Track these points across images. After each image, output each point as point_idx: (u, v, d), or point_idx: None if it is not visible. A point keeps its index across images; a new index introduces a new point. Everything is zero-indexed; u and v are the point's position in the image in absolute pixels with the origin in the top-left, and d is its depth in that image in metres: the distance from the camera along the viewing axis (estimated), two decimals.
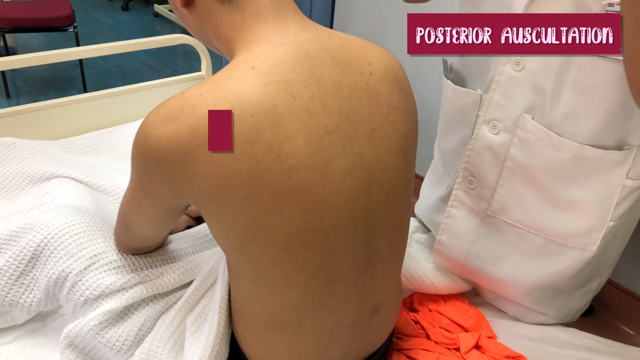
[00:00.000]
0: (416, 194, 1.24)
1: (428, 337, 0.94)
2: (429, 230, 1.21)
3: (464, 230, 0.99)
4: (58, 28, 2.89)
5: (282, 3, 0.64)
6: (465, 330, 0.96)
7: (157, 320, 0.80)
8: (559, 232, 0.90)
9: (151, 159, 0.59)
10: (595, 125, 0.81)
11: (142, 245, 0.82)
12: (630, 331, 1.77)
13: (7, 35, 2.99)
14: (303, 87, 0.60)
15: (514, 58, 0.82)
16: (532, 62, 0.82)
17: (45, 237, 0.83)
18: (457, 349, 0.92)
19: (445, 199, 1.05)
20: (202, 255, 0.87)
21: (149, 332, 0.78)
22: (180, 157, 0.57)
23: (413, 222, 1.23)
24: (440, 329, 0.95)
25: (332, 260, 0.65)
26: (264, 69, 0.59)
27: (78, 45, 3.03)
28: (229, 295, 0.76)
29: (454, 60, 1.04)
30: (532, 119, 0.85)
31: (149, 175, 0.62)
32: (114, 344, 0.77)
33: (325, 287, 0.66)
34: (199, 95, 0.58)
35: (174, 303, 0.82)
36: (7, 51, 3.23)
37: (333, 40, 0.65)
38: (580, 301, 1.02)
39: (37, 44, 3.63)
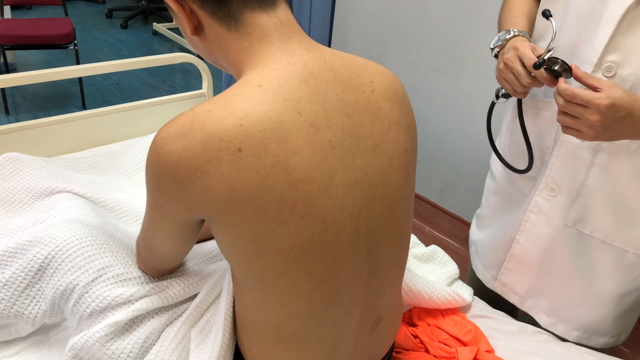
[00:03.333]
0: (417, 215, 1.26)
1: (427, 351, 0.96)
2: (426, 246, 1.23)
3: (542, 236, 1.01)
4: (58, 45, 2.93)
5: (287, 26, 0.67)
6: (464, 344, 0.97)
7: (162, 332, 0.81)
8: (636, 242, 0.92)
9: (164, 175, 0.62)
10: None
11: (170, 265, 0.84)
12: (625, 349, 1.78)
13: (7, 52, 3.01)
14: (308, 104, 0.62)
15: (605, 65, 0.84)
16: (625, 68, 0.84)
17: (52, 250, 0.84)
18: None
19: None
20: (207, 269, 0.89)
21: (154, 344, 0.79)
22: (192, 171, 0.60)
23: (412, 238, 1.25)
24: (439, 343, 0.96)
25: (336, 271, 0.67)
26: (270, 87, 0.61)
27: (78, 62, 3.06)
28: (234, 307, 0.77)
29: None
30: None
31: (163, 193, 0.64)
32: (119, 356, 0.78)
33: (330, 298, 0.68)
34: (208, 112, 0.60)
35: (179, 315, 0.83)
36: (7, 68, 3.25)
37: (336, 59, 0.68)
38: (634, 317, 1.04)
39: (37, 60, 3.66)
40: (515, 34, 0.95)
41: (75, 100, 3.17)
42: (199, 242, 1.04)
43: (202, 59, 0.87)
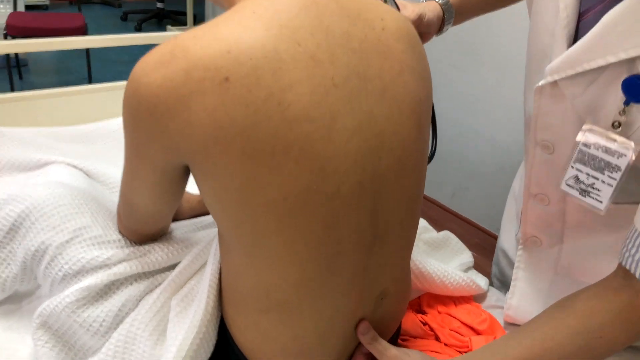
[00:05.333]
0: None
1: (437, 338, 0.86)
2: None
3: (535, 293, 0.89)
4: None
5: None
6: (478, 333, 0.87)
7: (140, 301, 0.73)
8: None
9: (142, 111, 0.54)
10: None
11: (152, 227, 0.75)
12: None
13: None
14: (308, 34, 0.54)
15: (542, 142, 0.75)
16: (561, 146, 0.73)
17: (27, 208, 0.76)
18: None
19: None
20: (194, 236, 0.81)
21: (130, 313, 0.71)
22: (171, 105, 0.52)
23: (421, 223, 1.16)
24: (451, 331, 0.87)
25: (336, 231, 0.58)
26: (266, 13, 0.54)
27: (88, 58, 3.03)
28: (221, 275, 0.69)
29: None
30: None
31: (140, 133, 0.57)
32: (90, 325, 0.70)
33: (327, 262, 0.59)
34: (192, 37, 0.53)
35: (160, 284, 0.75)
36: (18, 62, 3.24)
37: None
38: None
39: (49, 55, 3.65)
40: None
41: None
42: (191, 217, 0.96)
43: None
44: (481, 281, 0.99)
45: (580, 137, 0.66)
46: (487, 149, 2.14)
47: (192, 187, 0.65)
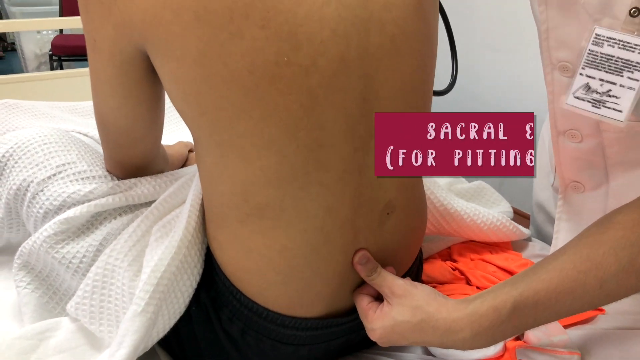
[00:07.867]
0: None
1: (469, 283, 0.74)
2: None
3: None
4: None
5: None
6: None
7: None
8: None
9: None
10: None
11: (128, 151, 0.66)
12: None
13: (65, 66, 3.10)
14: None
15: (560, 64, 0.65)
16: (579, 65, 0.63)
17: (11, 147, 0.72)
18: None
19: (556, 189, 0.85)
20: (184, 170, 0.74)
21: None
22: None
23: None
24: (485, 273, 0.74)
25: (317, 113, 0.50)
26: None
27: None
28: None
29: None
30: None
31: (92, 16, 0.52)
32: (70, 261, 0.63)
33: (310, 152, 0.51)
34: None
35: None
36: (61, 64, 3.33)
37: None
38: None
39: None
40: None
41: None
42: None
43: None
44: (523, 228, 0.86)
45: (589, 36, 0.56)
46: (536, 132, 1.99)
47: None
